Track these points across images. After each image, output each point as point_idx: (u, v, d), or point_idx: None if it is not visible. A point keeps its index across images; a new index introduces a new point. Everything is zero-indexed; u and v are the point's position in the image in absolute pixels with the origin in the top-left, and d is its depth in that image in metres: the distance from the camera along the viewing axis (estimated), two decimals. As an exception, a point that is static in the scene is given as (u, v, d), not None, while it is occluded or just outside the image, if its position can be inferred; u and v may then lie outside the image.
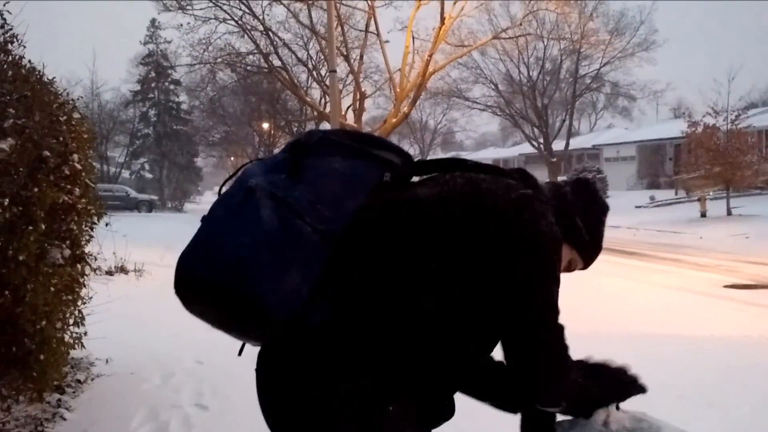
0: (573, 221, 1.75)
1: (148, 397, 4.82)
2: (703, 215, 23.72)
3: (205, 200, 47.02)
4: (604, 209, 1.85)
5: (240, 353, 1.66)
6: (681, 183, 29.13)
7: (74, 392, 4.79)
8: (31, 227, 3.39)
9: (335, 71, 17.08)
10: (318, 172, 1.57)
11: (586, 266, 1.86)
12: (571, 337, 1.60)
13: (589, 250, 1.83)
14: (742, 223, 21.12)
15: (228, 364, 4.36)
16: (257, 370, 1.58)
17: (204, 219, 1.55)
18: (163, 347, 6.13)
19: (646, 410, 1.86)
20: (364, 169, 1.62)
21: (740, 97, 29.05)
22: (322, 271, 1.48)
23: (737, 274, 12.25)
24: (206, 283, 1.46)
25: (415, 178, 1.73)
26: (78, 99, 5.17)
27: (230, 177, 1.68)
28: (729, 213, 23.39)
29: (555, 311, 1.56)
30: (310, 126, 36.53)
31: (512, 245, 1.51)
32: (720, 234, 19.35)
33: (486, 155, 61.90)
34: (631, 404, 1.88)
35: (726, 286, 10.86)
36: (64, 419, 4.27)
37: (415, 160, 1.74)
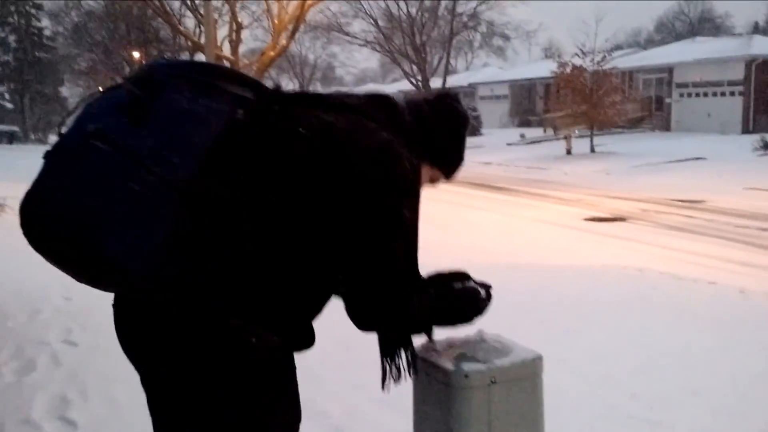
0: (432, 139, 1.79)
1: (14, 335, 4.69)
2: (569, 152, 24.82)
3: (72, 132, 44.56)
4: (464, 122, 1.90)
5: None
6: (549, 121, 30.26)
7: (-67, 331, 4.59)
8: None
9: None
10: (163, 114, 1.47)
11: (448, 179, 1.92)
12: (444, 264, 1.72)
13: (450, 165, 1.89)
14: (604, 160, 22.33)
15: (98, 298, 4.30)
16: (115, 319, 1.61)
17: (45, 159, 1.46)
18: (30, 284, 5.91)
19: (507, 334, 2.02)
20: (214, 106, 1.52)
21: (606, 38, 30.21)
22: (174, 222, 1.43)
23: (597, 207, 13.06)
24: (59, 240, 1.41)
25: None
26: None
27: (69, 114, 1.55)
28: (592, 150, 24.55)
29: (400, 258, 1.59)
30: (185, 56, 35.19)
31: (366, 191, 1.54)
32: (583, 170, 20.40)
33: (365, 90, 61.67)
34: (495, 327, 2.04)
35: (586, 219, 11.56)
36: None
37: (272, 93, 1.66)
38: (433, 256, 8.72)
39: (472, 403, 1.79)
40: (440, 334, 2.04)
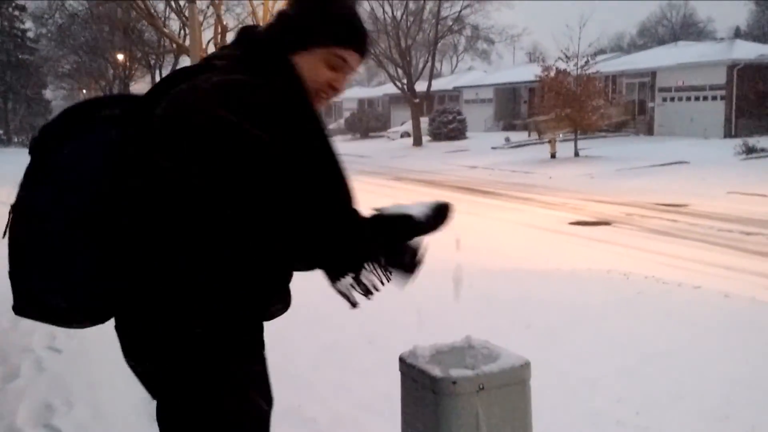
0: (305, 24, 1.67)
1: (-3, 341, 4.65)
2: (553, 156, 24.91)
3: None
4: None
5: None
6: (534, 125, 30.38)
7: None
8: None
9: (195, 1, 16.40)
10: (55, 166, 1.61)
11: (362, 55, 1.75)
12: (429, 268, 1.68)
13: (340, 36, 1.69)
14: (588, 163, 22.45)
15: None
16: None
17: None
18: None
19: (494, 339, 2.03)
20: (92, 138, 1.62)
21: (590, 43, 30.38)
22: (89, 256, 1.58)
23: (582, 211, 13.12)
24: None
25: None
26: None
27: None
28: (576, 154, 24.67)
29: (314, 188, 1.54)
30: (169, 59, 35.03)
31: (218, 143, 1.46)
32: (568, 174, 20.50)
33: (351, 94, 61.77)
34: (481, 330, 2.05)
35: (571, 223, 11.61)
36: None
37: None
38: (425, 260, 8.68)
39: (460, 410, 1.79)
40: (426, 339, 2.04)
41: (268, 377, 1.71)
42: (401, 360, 1.91)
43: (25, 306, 1.62)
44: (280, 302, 1.70)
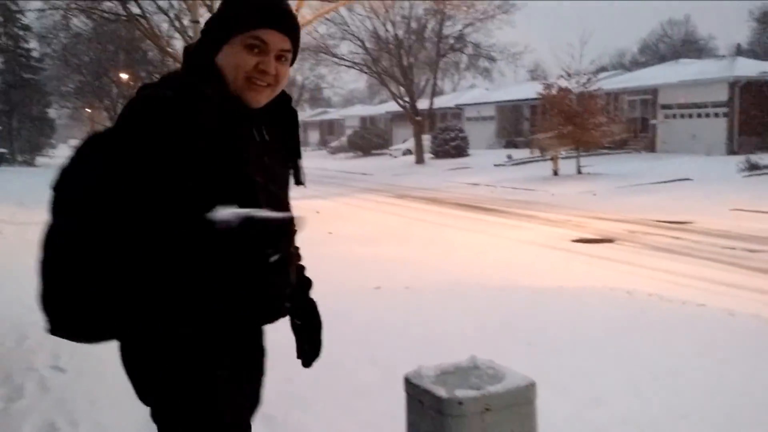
0: (227, 24, 1.75)
1: (1, 361, 4.64)
2: (556, 173, 24.92)
3: (59, 153, 44.44)
4: None
5: None
6: (536, 143, 30.43)
7: None
8: None
9: (198, 22, 16.50)
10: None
11: (282, 31, 1.75)
12: (433, 286, 1.70)
13: (262, 21, 1.73)
14: (590, 181, 22.46)
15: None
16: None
17: None
18: (17, 308, 5.86)
19: (496, 357, 2.03)
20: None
21: (592, 60, 30.47)
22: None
23: (584, 228, 13.11)
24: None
25: None
26: None
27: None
28: (579, 171, 24.67)
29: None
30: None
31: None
32: (570, 191, 20.50)
33: (353, 112, 62.03)
34: (483, 347, 2.05)
35: (574, 240, 11.60)
36: None
37: None
38: (413, 272, 8.70)
39: (466, 431, 1.79)
40: (431, 360, 2.04)
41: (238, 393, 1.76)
42: (407, 380, 1.91)
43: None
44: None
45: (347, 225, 13.64)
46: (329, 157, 49.46)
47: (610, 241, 11.62)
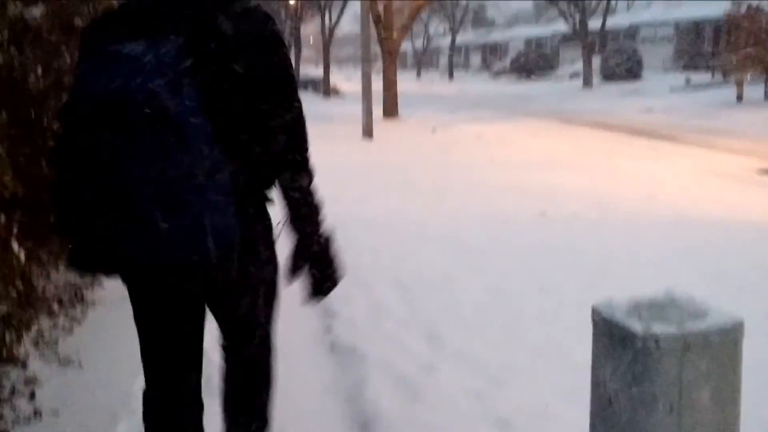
0: None
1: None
2: (740, 99, 23.08)
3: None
4: None
5: None
6: (719, 65, 28.24)
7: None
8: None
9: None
10: None
11: None
12: (600, 216, 1.52)
13: None
14: (780, 108, 20.56)
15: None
16: None
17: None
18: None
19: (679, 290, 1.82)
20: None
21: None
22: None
23: (772, 159, 12.02)
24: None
25: None
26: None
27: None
28: (766, 97, 22.70)
29: None
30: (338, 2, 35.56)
31: None
32: (755, 118, 18.83)
33: (518, 33, 60.05)
34: (660, 287, 1.84)
35: (760, 171, 10.68)
36: (103, 288, 4.35)
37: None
38: (579, 200, 8.25)
39: (661, 371, 1.62)
40: (603, 291, 1.86)
41: None
42: (595, 311, 1.75)
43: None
44: None
45: (509, 151, 13.28)
46: (491, 81, 48.45)
47: (804, 172, 10.58)
